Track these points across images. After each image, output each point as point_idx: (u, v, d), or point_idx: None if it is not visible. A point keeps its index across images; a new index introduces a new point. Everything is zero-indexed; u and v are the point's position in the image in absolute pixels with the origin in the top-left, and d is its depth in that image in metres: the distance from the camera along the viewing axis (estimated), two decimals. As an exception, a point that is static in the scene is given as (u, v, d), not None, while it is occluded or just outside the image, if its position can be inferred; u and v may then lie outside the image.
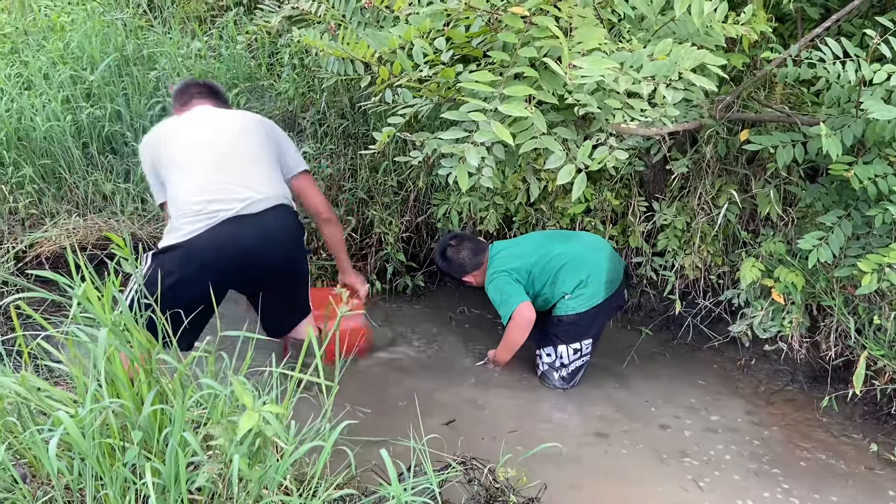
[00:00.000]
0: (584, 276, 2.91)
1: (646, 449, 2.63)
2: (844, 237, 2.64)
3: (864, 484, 2.49)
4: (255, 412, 1.40)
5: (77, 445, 1.45)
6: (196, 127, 2.57)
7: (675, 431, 2.75)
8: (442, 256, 3.17)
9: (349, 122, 3.63)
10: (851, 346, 2.84)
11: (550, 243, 3.02)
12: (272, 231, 2.47)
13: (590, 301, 2.91)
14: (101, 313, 1.64)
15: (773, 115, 2.82)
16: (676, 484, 2.45)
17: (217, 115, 2.62)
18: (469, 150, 1.66)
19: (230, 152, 2.48)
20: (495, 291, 2.97)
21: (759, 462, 2.59)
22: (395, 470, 1.60)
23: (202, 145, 2.50)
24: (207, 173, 2.43)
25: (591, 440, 2.67)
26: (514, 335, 2.93)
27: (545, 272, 2.95)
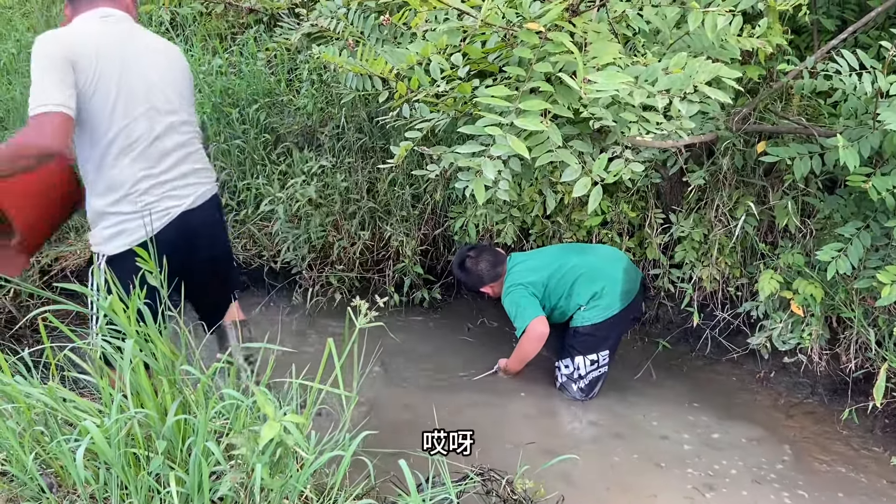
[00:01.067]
0: (599, 288, 2.93)
1: (664, 461, 2.63)
2: (863, 248, 2.63)
3: (886, 498, 2.46)
4: (277, 422, 1.42)
5: (103, 454, 1.48)
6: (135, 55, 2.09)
7: (695, 445, 2.74)
8: (460, 267, 3.19)
9: (367, 137, 3.67)
10: (872, 359, 2.81)
11: (566, 256, 3.05)
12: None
13: (606, 312, 2.93)
14: (126, 324, 1.68)
15: (790, 127, 2.82)
16: (697, 497, 2.44)
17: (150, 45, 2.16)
18: (485, 164, 1.69)
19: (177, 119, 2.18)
20: (511, 304, 2.98)
21: (779, 475, 2.57)
22: (413, 480, 1.61)
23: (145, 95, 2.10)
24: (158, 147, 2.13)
25: (610, 452, 2.67)
26: (526, 348, 2.95)
27: (560, 285, 2.97)
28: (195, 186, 2.24)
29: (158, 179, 2.14)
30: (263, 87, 3.81)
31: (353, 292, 3.66)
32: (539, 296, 2.99)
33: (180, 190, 2.19)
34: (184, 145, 2.21)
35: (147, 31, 2.23)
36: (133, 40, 2.13)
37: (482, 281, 3.15)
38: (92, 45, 2.02)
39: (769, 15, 2.41)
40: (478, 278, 3.15)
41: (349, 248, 3.61)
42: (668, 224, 3.36)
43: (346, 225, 3.60)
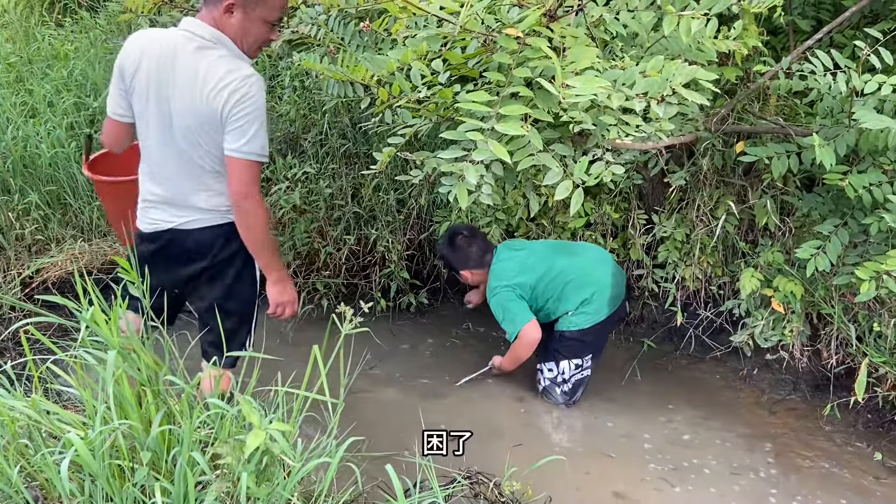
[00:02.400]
0: (589, 294, 2.90)
1: (650, 460, 2.65)
2: (841, 245, 2.67)
3: (869, 493, 2.50)
4: (262, 430, 1.42)
5: (88, 466, 1.48)
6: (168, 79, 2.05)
7: (679, 442, 2.77)
8: (450, 242, 3.11)
9: (350, 143, 3.67)
10: (852, 354, 2.86)
11: (555, 256, 2.99)
12: None
13: (593, 318, 2.91)
14: (109, 336, 1.67)
15: (768, 127, 2.86)
16: (680, 494, 2.46)
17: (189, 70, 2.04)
18: (468, 169, 1.70)
19: None
20: (498, 307, 2.95)
21: (763, 471, 2.60)
22: (401, 485, 1.62)
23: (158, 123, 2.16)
24: None
25: (595, 452, 2.69)
26: (520, 353, 2.95)
27: (549, 289, 2.94)
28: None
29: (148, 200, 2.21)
30: (245, 94, 3.80)
31: (339, 298, 3.66)
32: (526, 297, 2.96)
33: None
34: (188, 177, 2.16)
35: (204, 55, 2.00)
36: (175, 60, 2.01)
37: (466, 263, 3.10)
38: (137, 55, 2.03)
39: (744, 17, 2.44)
40: (464, 259, 3.10)
41: (335, 254, 3.60)
42: (651, 225, 3.39)
43: (332, 231, 3.60)
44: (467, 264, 3.11)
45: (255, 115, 2.01)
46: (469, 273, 3.13)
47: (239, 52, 2.04)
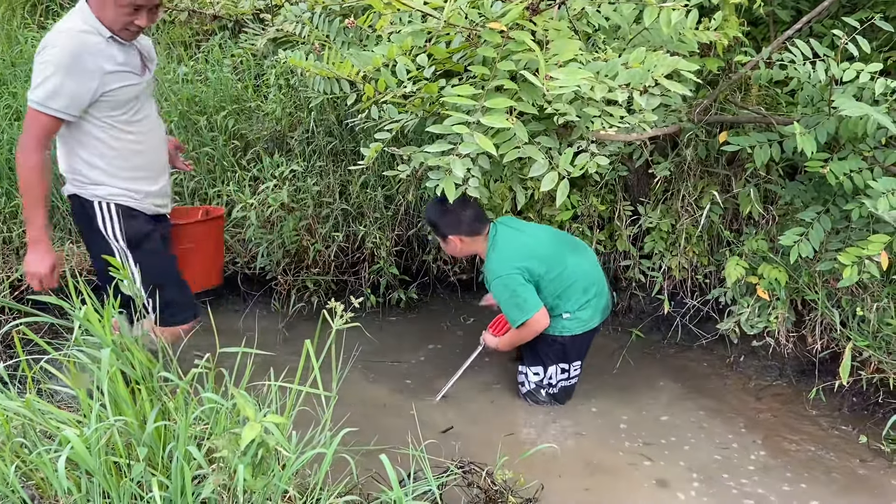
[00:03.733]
0: (589, 298, 2.83)
1: (638, 447, 2.69)
2: (824, 232, 2.71)
3: (853, 475, 2.55)
4: (258, 423, 1.44)
5: (84, 462, 1.49)
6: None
7: (667, 430, 2.81)
8: (440, 203, 2.75)
9: (337, 140, 3.69)
10: (837, 339, 2.90)
11: (565, 252, 2.86)
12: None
13: (586, 325, 2.84)
14: (102, 334, 1.69)
15: (750, 117, 2.90)
16: (669, 480, 2.50)
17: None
18: (454, 163, 1.72)
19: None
20: (505, 290, 2.75)
21: (750, 456, 2.64)
22: (395, 475, 1.64)
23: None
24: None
25: (585, 441, 2.72)
26: (524, 336, 2.83)
27: (555, 284, 2.79)
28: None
29: None
30: (231, 94, 3.81)
31: (329, 295, 3.67)
32: (532, 283, 2.78)
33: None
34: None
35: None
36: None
37: (457, 228, 2.79)
38: None
39: (724, 8, 2.48)
40: (455, 223, 2.79)
41: (324, 251, 3.62)
42: (637, 216, 3.43)
43: (320, 228, 3.61)
44: (458, 228, 2.79)
45: (48, 63, 2.20)
46: (458, 240, 2.80)
47: (94, 19, 2.25)
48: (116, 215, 2.45)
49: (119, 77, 2.33)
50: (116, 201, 2.45)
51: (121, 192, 2.46)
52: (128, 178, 2.46)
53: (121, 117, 2.39)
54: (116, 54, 2.32)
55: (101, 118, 2.37)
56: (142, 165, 2.50)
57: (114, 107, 2.36)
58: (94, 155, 2.41)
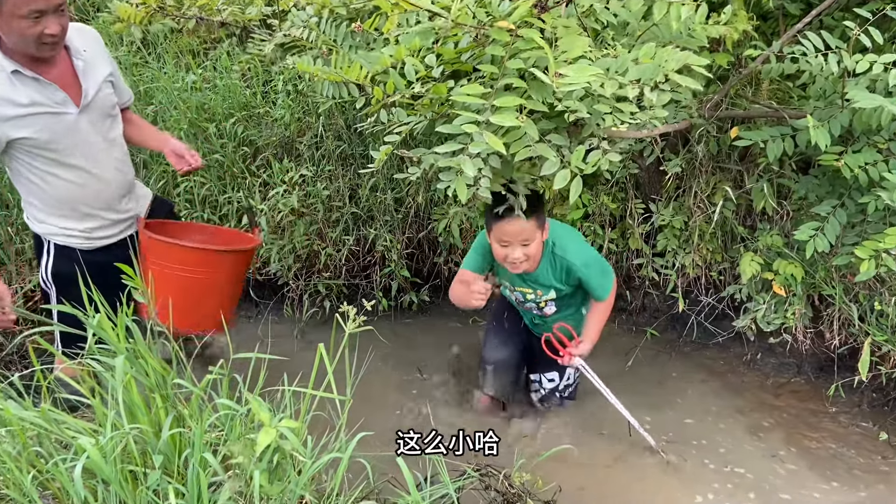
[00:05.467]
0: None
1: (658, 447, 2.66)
2: (840, 226, 2.68)
3: (876, 472, 2.51)
4: (273, 428, 1.43)
5: (100, 471, 1.49)
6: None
7: (686, 428, 2.78)
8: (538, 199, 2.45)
9: (346, 144, 3.68)
10: (855, 334, 2.87)
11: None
12: None
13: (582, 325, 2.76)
14: (116, 342, 1.68)
15: (761, 111, 2.87)
16: (690, 480, 2.47)
17: None
18: (465, 163, 1.71)
19: None
20: (595, 261, 2.60)
21: (769, 454, 2.61)
22: (412, 479, 1.63)
23: None
24: None
25: (602, 441, 2.70)
26: (609, 309, 2.67)
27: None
28: None
29: None
30: (239, 101, 3.81)
31: (341, 299, 3.67)
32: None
33: None
34: None
35: None
36: None
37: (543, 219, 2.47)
38: None
39: (734, 3, 2.45)
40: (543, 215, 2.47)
41: (335, 255, 3.61)
42: (649, 213, 3.40)
43: (330, 233, 3.61)
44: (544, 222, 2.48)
45: None
46: (541, 232, 2.45)
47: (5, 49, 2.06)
48: (52, 254, 2.36)
49: (29, 121, 2.10)
50: (55, 241, 2.34)
51: (59, 230, 2.32)
52: (67, 217, 2.32)
53: (45, 159, 2.18)
54: (20, 95, 2.08)
55: (23, 161, 2.18)
56: (84, 202, 2.31)
57: (35, 148, 2.15)
58: (29, 194, 2.29)
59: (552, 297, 2.66)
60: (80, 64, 2.22)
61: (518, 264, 2.43)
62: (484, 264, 2.67)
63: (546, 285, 2.63)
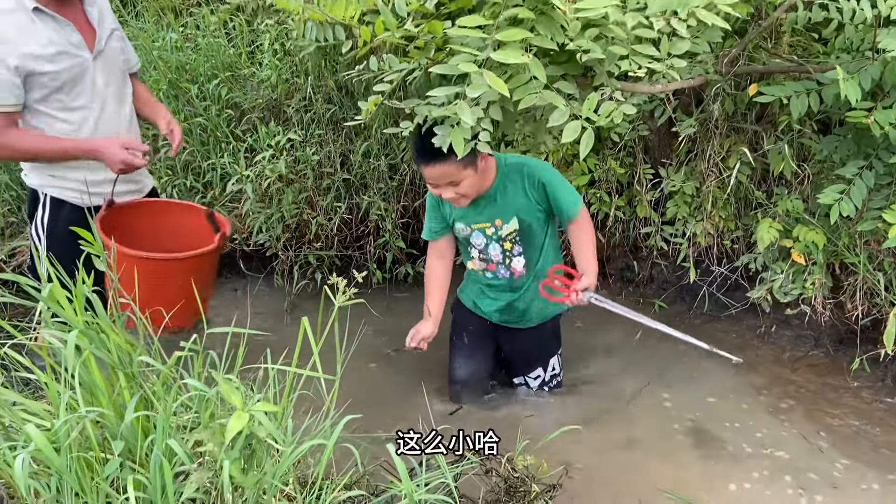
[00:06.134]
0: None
1: (664, 425, 2.51)
2: (866, 189, 2.49)
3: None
4: (245, 412, 1.25)
5: (50, 462, 1.31)
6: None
7: (695, 406, 2.62)
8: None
9: (337, 107, 3.47)
10: (879, 305, 2.69)
11: None
12: None
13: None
14: (70, 315, 1.50)
15: (783, 66, 2.67)
16: (698, 460, 2.31)
17: None
18: (462, 109, 1.51)
19: None
20: (554, 172, 2.40)
21: (792, 431, 2.45)
22: (404, 465, 1.45)
23: None
24: None
25: (609, 419, 2.55)
26: (591, 228, 2.42)
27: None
28: None
29: None
30: (223, 61, 3.60)
31: (333, 271, 3.48)
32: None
33: None
34: None
35: None
36: None
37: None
38: None
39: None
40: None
41: (326, 224, 3.42)
42: (659, 179, 3.21)
43: (321, 201, 3.41)
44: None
45: None
46: (472, 170, 2.20)
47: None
48: (48, 207, 2.32)
49: (46, 60, 2.13)
50: (51, 193, 2.30)
51: (54, 181, 2.30)
52: (68, 167, 2.29)
53: (54, 102, 2.20)
54: (40, 33, 2.12)
55: (30, 107, 2.19)
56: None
57: (46, 92, 2.17)
58: None
59: (514, 227, 2.38)
60: (92, 12, 2.28)
61: (456, 201, 2.29)
62: (440, 225, 2.52)
63: (507, 210, 2.37)
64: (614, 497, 2.13)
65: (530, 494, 1.78)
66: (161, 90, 3.46)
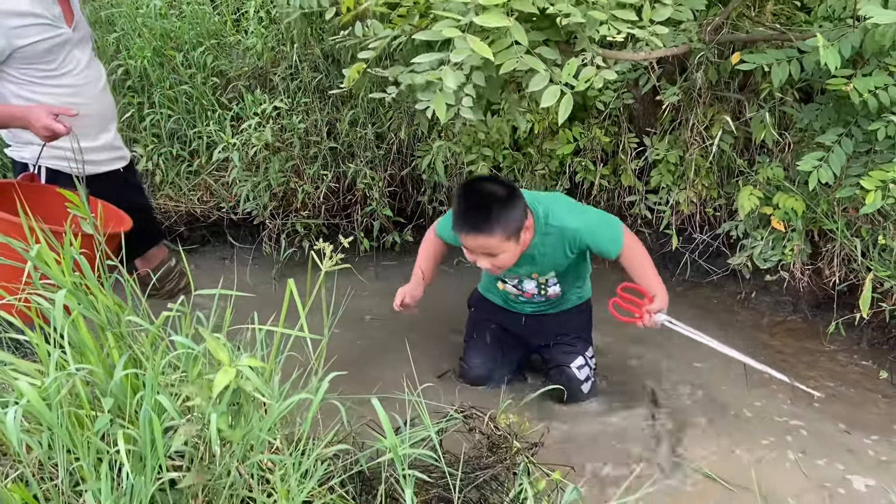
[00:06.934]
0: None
1: (645, 388, 2.56)
2: (845, 156, 2.52)
3: (877, 411, 2.42)
4: (232, 367, 1.29)
5: (41, 416, 1.34)
6: None
7: (676, 369, 2.68)
8: (495, 207, 2.04)
9: (323, 75, 3.47)
10: (856, 270, 2.75)
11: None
12: None
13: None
14: (59, 275, 1.52)
15: (765, 34, 2.69)
16: (682, 422, 2.37)
17: None
18: (446, 73, 1.53)
19: None
20: (597, 219, 2.30)
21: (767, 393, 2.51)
22: (388, 420, 1.50)
23: None
24: None
25: (593, 382, 2.59)
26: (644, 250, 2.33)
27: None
28: None
29: None
30: (208, 28, 3.58)
31: (320, 239, 3.49)
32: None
33: None
34: None
35: None
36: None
37: (519, 226, 2.09)
38: None
39: None
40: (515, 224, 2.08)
41: (313, 192, 3.43)
42: (643, 148, 3.24)
43: (308, 169, 3.42)
44: (519, 227, 2.09)
45: None
46: (524, 234, 2.12)
47: None
48: (43, 179, 2.38)
49: (31, 31, 2.21)
50: (45, 164, 2.36)
51: (47, 151, 2.33)
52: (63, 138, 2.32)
53: (40, 73, 2.27)
54: (22, 4, 2.18)
55: (18, 76, 2.25)
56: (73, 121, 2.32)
57: (30, 62, 2.24)
58: None
59: (553, 275, 2.37)
60: None
61: (491, 270, 2.16)
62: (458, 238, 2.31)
63: (544, 266, 2.31)
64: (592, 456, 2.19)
65: (512, 450, 1.83)
66: (145, 58, 3.45)
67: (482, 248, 2.09)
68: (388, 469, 1.62)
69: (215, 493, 1.43)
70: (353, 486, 1.63)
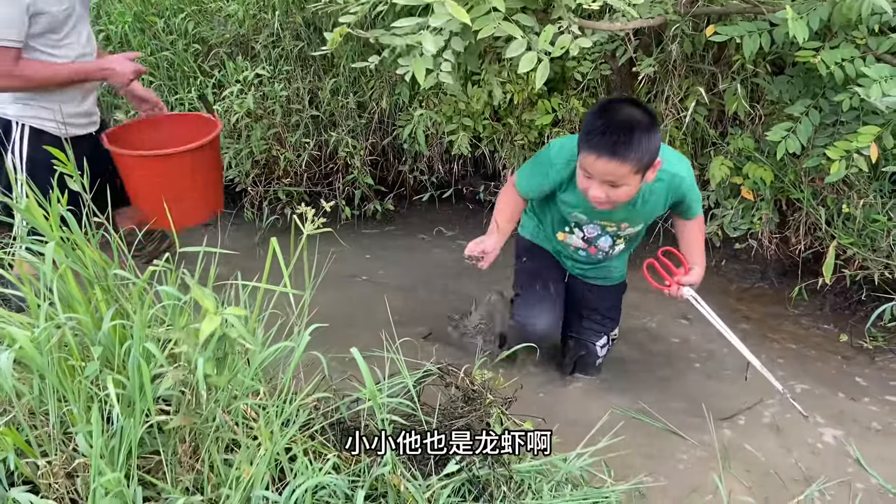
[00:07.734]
0: None
1: (618, 350, 2.65)
2: (812, 127, 2.61)
3: (837, 371, 2.54)
4: (217, 315, 1.35)
5: (33, 361, 1.40)
6: None
7: (646, 330, 2.78)
8: (637, 132, 1.85)
9: (305, 43, 3.49)
10: (821, 238, 2.85)
11: None
12: None
13: None
14: (46, 228, 1.57)
15: (739, 7, 2.75)
16: (647, 378, 2.48)
17: None
18: (425, 37, 1.58)
19: None
20: (693, 182, 2.18)
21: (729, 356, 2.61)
22: (368, 369, 1.57)
23: None
24: None
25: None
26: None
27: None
28: None
29: None
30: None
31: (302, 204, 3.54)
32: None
33: None
34: None
35: None
36: None
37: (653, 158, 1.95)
38: None
39: None
40: (653, 153, 1.93)
41: (295, 160, 3.47)
42: (619, 118, 3.30)
43: (290, 137, 3.46)
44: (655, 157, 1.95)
45: None
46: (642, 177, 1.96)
47: None
48: (28, 136, 2.40)
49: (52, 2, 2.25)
50: (30, 123, 2.38)
51: (34, 113, 2.38)
52: (49, 99, 2.38)
53: (47, 40, 2.31)
54: None
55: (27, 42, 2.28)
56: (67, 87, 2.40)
57: (44, 30, 2.28)
58: None
59: (637, 230, 2.28)
60: None
61: (598, 201, 1.98)
62: (545, 186, 2.17)
63: (641, 217, 2.19)
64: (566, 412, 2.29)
65: (485, 403, 1.91)
66: (126, 23, 3.44)
67: (608, 175, 1.89)
68: (367, 419, 1.70)
69: (202, 436, 1.50)
70: (333, 433, 1.70)
